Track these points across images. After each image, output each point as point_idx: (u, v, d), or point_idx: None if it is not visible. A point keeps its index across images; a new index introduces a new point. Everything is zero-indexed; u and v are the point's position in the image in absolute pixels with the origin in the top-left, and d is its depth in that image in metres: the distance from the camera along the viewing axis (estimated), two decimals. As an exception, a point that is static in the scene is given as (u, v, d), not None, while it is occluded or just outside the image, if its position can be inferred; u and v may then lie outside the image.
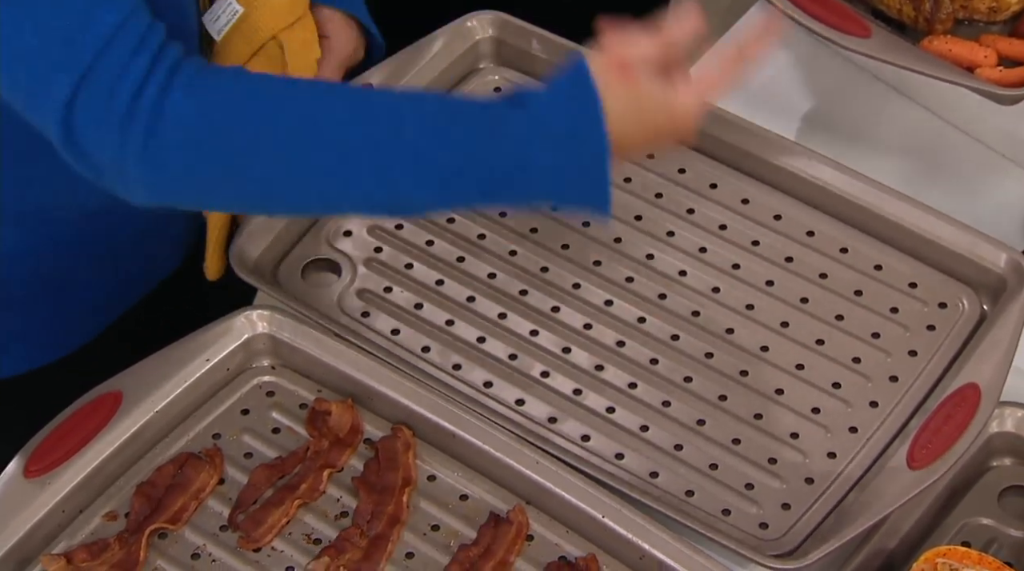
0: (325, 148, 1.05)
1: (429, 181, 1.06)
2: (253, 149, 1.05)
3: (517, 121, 1.06)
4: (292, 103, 1.06)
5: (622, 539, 1.17)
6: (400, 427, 1.24)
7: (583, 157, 1.06)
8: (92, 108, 1.04)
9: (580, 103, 1.07)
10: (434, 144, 1.06)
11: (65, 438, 1.20)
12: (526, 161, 1.06)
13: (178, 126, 1.04)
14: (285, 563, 1.17)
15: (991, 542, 1.21)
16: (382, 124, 1.06)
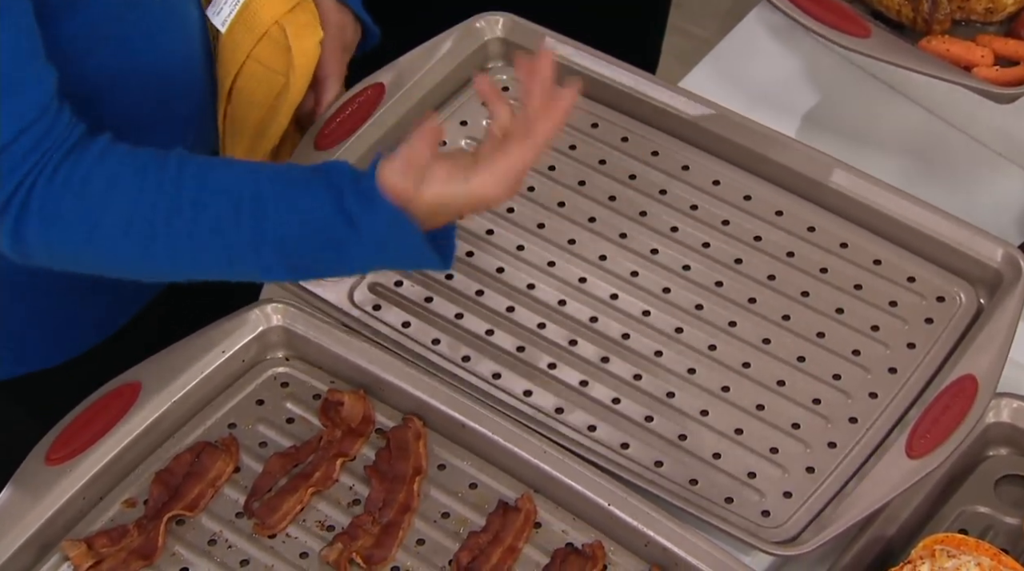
0: (166, 254, 1.12)
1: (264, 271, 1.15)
2: (101, 254, 1.13)
3: (353, 243, 1.13)
4: (132, 208, 1.12)
5: (627, 526, 1.19)
6: (411, 417, 1.26)
7: (408, 255, 1.15)
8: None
9: (398, 226, 1.13)
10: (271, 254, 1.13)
11: (85, 427, 1.22)
12: (360, 264, 1.17)
13: (35, 238, 1.12)
14: (299, 549, 1.19)
15: (987, 529, 1.22)
16: (221, 237, 1.12)
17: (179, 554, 1.19)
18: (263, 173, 1.14)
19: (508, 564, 1.18)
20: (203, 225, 1.11)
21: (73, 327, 1.38)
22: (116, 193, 1.11)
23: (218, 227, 1.11)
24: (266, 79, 1.36)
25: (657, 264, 1.36)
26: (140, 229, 1.11)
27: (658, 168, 1.42)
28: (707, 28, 2.45)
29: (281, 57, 1.35)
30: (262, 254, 1.12)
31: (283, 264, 1.13)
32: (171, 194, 1.11)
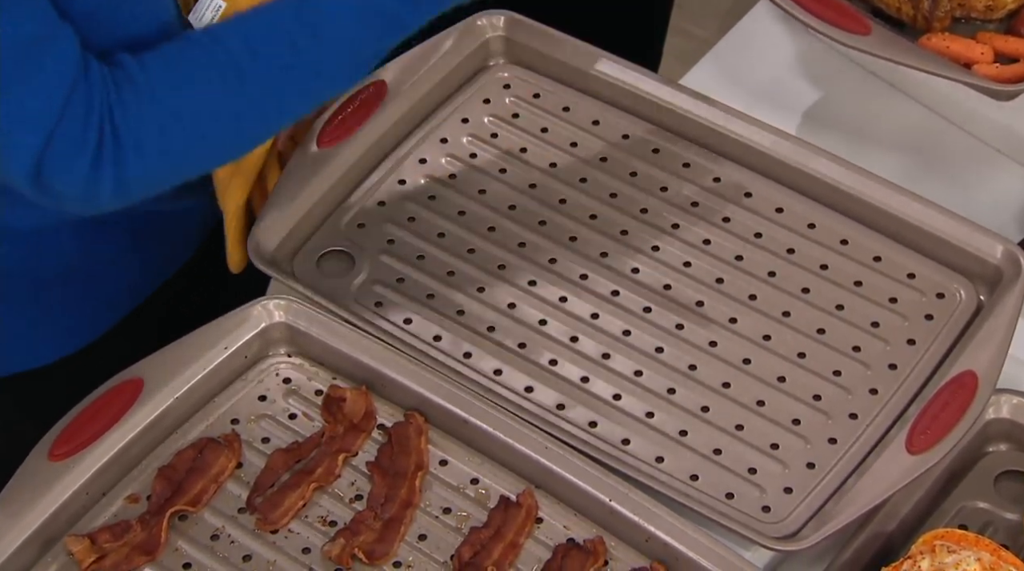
0: (261, 99, 1.15)
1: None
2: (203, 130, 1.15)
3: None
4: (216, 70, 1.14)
5: (629, 522, 1.19)
6: (413, 413, 1.26)
7: None
8: (61, 163, 1.10)
9: None
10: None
11: (88, 423, 1.22)
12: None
13: (135, 154, 1.11)
14: (301, 544, 1.20)
15: (987, 525, 1.23)
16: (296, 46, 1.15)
17: (182, 550, 1.19)
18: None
19: (509, 559, 1.19)
20: (275, 55, 1.14)
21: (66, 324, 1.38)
22: (185, 85, 1.13)
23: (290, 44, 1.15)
24: None
25: (658, 261, 1.36)
26: (227, 87, 1.14)
27: (659, 166, 1.43)
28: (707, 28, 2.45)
29: None
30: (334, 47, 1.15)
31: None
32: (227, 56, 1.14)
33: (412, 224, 1.39)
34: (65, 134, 1.09)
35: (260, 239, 1.34)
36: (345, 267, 1.36)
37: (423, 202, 1.41)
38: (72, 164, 1.10)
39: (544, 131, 1.46)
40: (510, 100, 1.48)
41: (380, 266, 1.36)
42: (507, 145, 1.44)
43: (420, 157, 1.44)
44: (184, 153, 1.14)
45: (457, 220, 1.39)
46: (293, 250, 1.37)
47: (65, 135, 1.09)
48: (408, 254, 1.37)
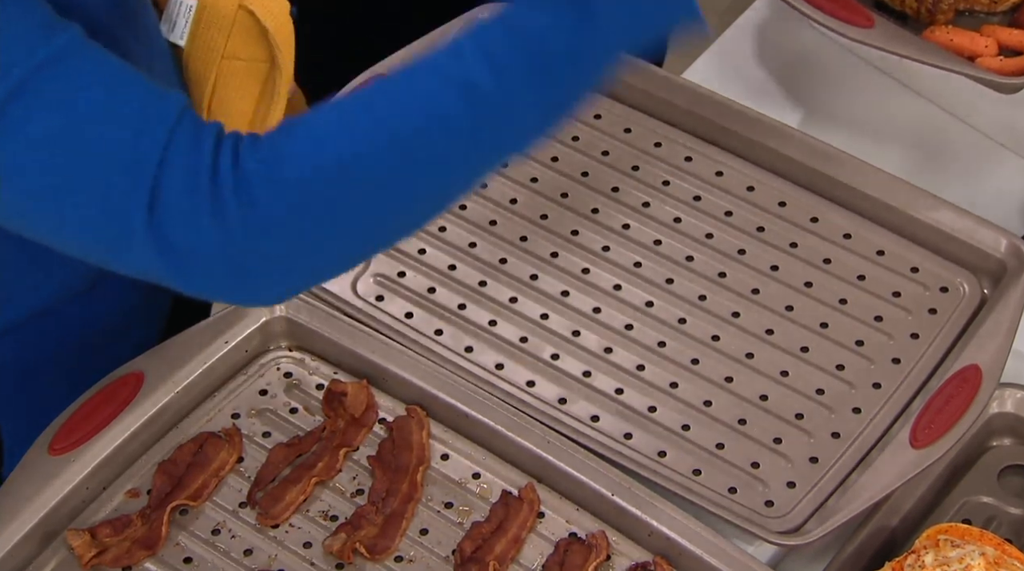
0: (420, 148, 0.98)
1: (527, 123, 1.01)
2: (346, 176, 0.98)
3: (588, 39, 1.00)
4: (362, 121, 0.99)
5: (631, 516, 1.19)
6: (414, 407, 1.26)
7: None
8: (178, 216, 0.96)
9: None
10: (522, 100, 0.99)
11: (89, 417, 1.22)
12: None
13: (265, 183, 0.97)
14: (303, 539, 1.20)
15: (991, 519, 1.23)
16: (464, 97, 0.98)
17: (182, 544, 1.19)
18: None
19: (511, 554, 1.18)
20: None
21: None
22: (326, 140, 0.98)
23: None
24: (248, 72, 1.32)
25: (660, 255, 1.36)
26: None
27: (661, 159, 1.43)
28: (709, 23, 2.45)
29: (257, 43, 1.30)
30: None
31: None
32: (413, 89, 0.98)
33: (413, 218, 1.39)
34: (172, 184, 0.96)
35: (261, 233, 1.33)
36: (346, 261, 1.36)
37: (424, 196, 1.40)
38: (192, 218, 0.96)
39: (546, 125, 1.45)
40: (512, 94, 1.47)
41: (381, 260, 1.36)
42: (509, 139, 1.44)
43: (421, 151, 1.43)
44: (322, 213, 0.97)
45: (458, 215, 1.39)
46: (294, 244, 1.36)
47: (172, 185, 0.96)
48: (409, 248, 1.37)
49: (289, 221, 0.97)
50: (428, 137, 0.98)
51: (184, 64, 1.30)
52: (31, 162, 0.95)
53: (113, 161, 0.96)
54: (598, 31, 1.00)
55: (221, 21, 1.28)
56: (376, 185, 0.98)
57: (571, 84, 1.01)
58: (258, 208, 0.96)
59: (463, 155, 0.99)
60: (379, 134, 0.97)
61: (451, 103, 0.97)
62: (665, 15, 1.02)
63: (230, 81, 1.32)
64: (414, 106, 0.98)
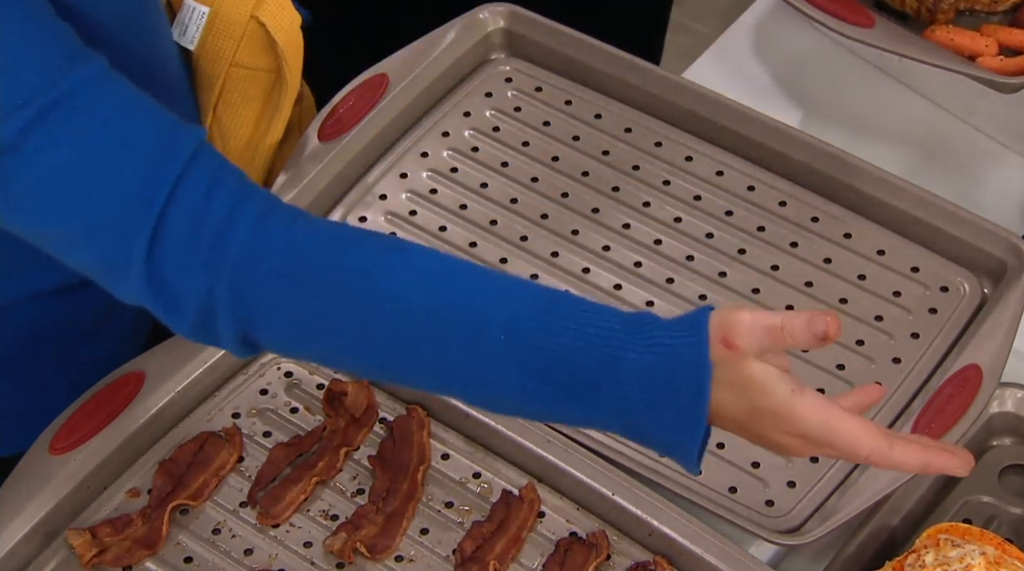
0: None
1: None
2: (333, 288, 0.99)
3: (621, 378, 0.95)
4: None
5: (632, 516, 1.19)
6: (415, 407, 1.26)
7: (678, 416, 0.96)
8: (174, 256, 0.99)
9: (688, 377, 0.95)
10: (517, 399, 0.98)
11: (89, 416, 1.22)
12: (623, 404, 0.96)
13: (264, 257, 0.99)
14: (303, 539, 1.20)
15: (991, 519, 1.23)
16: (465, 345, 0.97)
17: (183, 543, 1.19)
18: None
19: (512, 553, 1.18)
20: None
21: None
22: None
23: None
24: (254, 81, 1.33)
25: (661, 254, 1.36)
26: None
27: (661, 159, 1.43)
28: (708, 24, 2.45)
29: (264, 54, 1.31)
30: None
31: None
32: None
33: (414, 218, 1.39)
34: (179, 213, 0.98)
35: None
36: (347, 261, 1.36)
37: (425, 196, 1.40)
38: (187, 266, 0.99)
39: (546, 125, 1.45)
40: (512, 94, 1.47)
41: (382, 260, 1.35)
42: (509, 139, 1.44)
43: (422, 151, 1.43)
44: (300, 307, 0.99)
45: (459, 214, 1.39)
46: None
47: (179, 214, 0.98)
48: (410, 248, 1.36)
49: (263, 305, 0.99)
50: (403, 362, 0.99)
51: (193, 69, 1.31)
52: (47, 189, 0.98)
53: (126, 194, 0.98)
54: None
55: (232, 29, 1.29)
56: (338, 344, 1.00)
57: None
58: (247, 278, 0.99)
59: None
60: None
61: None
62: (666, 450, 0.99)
63: (236, 88, 1.32)
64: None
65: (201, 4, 1.28)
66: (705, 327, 0.94)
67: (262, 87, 1.34)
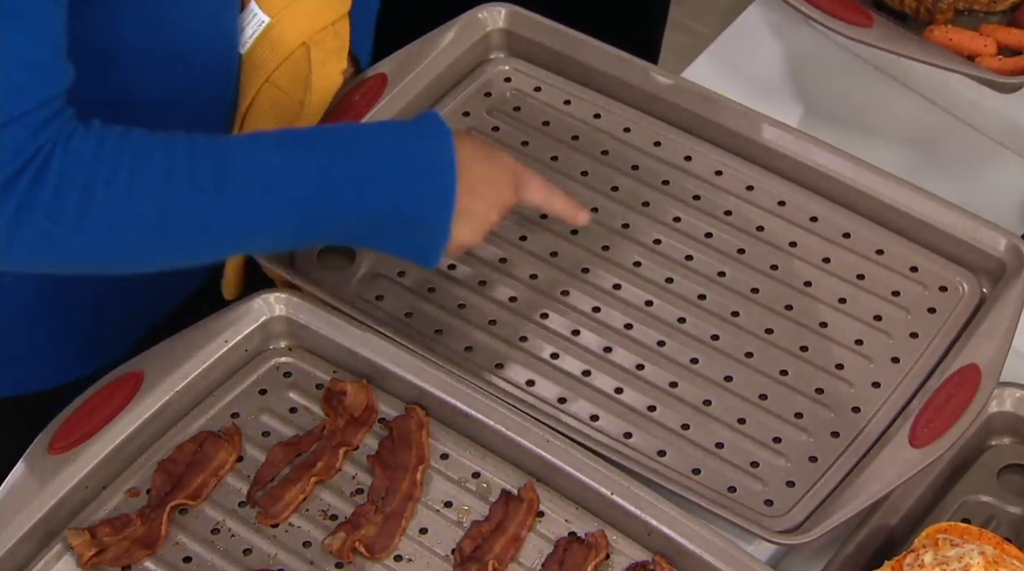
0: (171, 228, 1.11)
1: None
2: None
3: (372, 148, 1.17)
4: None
5: (631, 515, 1.19)
6: (414, 407, 1.26)
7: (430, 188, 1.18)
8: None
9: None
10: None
11: (88, 416, 1.22)
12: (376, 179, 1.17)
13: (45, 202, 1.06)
14: (302, 538, 1.20)
15: (990, 519, 1.23)
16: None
17: (182, 543, 1.19)
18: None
19: (511, 553, 1.18)
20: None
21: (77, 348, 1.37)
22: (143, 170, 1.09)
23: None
24: (282, 104, 1.33)
25: (660, 254, 1.36)
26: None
27: (660, 159, 1.43)
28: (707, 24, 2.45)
29: (300, 84, 1.33)
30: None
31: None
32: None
33: (413, 217, 1.39)
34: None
35: (261, 232, 1.33)
36: (346, 261, 1.36)
37: (424, 195, 1.40)
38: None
39: (545, 124, 1.45)
40: (511, 93, 1.47)
41: (380, 260, 1.36)
42: (508, 139, 1.44)
43: (421, 150, 1.43)
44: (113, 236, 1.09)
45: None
46: (294, 243, 1.36)
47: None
48: (409, 247, 1.36)
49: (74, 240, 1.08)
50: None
51: (241, 71, 1.31)
52: None
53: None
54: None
55: (280, 46, 1.30)
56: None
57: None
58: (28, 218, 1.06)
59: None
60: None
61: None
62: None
63: (265, 105, 1.33)
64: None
65: (263, 13, 1.29)
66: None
67: (286, 115, 1.33)
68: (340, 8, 1.32)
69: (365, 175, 1.15)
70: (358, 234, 1.19)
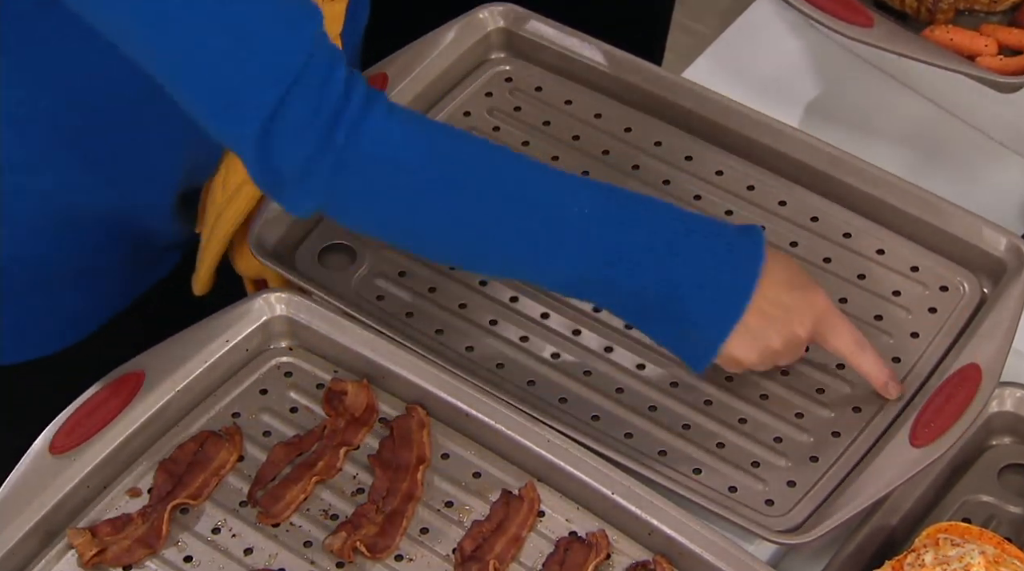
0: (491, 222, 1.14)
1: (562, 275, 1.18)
2: (437, 189, 1.13)
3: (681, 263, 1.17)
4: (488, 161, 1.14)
5: (631, 515, 1.19)
6: (414, 406, 1.26)
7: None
8: (296, 119, 1.06)
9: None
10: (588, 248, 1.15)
11: (89, 416, 1.22)
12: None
13: (379, 143, 1.09)
14: (303, 538, 1.20)
15: (991, 518, 1.23)
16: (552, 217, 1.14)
17: (183, 542, 1.19)
18: None
19: (512, 553, 1.18)
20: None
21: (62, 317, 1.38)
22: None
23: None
24: None
25: (660, 254, 1.36)
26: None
27: (661, 158, 1.43)
28: (708, 25, 2.45)
29: None
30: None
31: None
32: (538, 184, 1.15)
33: (414, 217, 1.39)
34: (303, 96, 1.05)
35: (262, 232, 1.34)
36: (347, 261, 1.36)
37: (425, 195, 1.40)
38: (301, 135, 1.06)
39: (546, 124, 1.45)
40: (512, 93, 1.47)
41: (382, 259, 1.36)
42: (509, 139, 1.44)
43: (422, 150, 1.43)
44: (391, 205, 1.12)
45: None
46: (295, 243, 1.36)
47: (302, 97, 1.05)
48: (410, 247, 1.37)
49: (363, 190, 1.11)
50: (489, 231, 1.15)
51: None
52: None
53: (257, 51, 1.04)
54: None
55: None
56: (434, 224, 1.14)
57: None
58: (354, 163, 1.08)
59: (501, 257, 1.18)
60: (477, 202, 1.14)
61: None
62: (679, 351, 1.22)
63: None
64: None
65: None
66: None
67: None
68: (333, 29, 1.33)
69: (657, 257, 1.16)
70: (630, 312, 1.20)
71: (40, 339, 1.38)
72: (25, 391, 1.39)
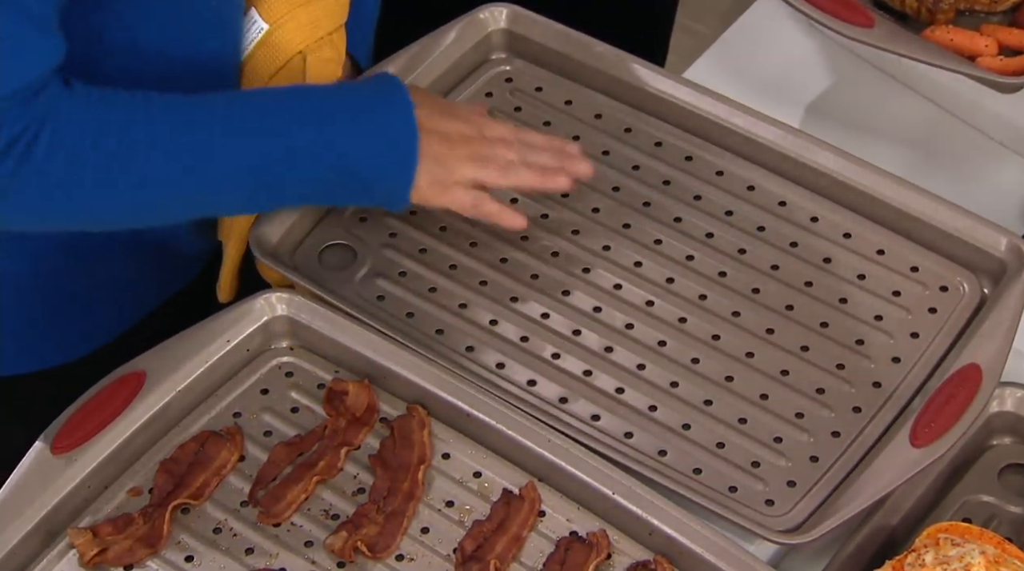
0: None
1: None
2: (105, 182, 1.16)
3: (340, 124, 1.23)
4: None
5: (632, 515, 1.19)
6: (415, 406, 1.26)
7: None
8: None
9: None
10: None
11: (91, 416, 1.22)
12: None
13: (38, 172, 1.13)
14: (304, 538, 1.20)
15: (991, 518, 1.23)
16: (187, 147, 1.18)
17: (184, 542, 1.19)
18: None
19: (512, 553, 1.19)
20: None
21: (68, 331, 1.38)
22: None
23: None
24: None
25: (661, 254, 1.36)
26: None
27: (661, 159, 1.43)
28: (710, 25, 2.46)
29: None
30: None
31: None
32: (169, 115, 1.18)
33: (414, 218, 1.39)
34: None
35: (262, 232, 1.34)
36: (347, 261, 1.36)
37: (425, 195, 1.40)
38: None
39: (547, 125, 1.45)
40: (512, 93, 1.47)
41: (382, 260, 1.36)
42: (509, 138, 1.44)
43: (422, 150, 1.43)
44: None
45: (459, 216, 1.38)
46: (295, 244, 1.36)
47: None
48: (410, 248, 1.37)
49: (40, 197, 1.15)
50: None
51: (240, 78, 1.31)
52: None
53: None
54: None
55: (277, 55, 1.30)
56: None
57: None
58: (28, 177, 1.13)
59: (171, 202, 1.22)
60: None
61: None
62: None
63: None
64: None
65: (263, 20, 1.29)
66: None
67: None
68: (338, 18, 1.32)
69: (323, 141, 1.22)
70: (318, 196, 1.28)
71: (51, 351, 1.38)
72: (28, 393, 1.39)
